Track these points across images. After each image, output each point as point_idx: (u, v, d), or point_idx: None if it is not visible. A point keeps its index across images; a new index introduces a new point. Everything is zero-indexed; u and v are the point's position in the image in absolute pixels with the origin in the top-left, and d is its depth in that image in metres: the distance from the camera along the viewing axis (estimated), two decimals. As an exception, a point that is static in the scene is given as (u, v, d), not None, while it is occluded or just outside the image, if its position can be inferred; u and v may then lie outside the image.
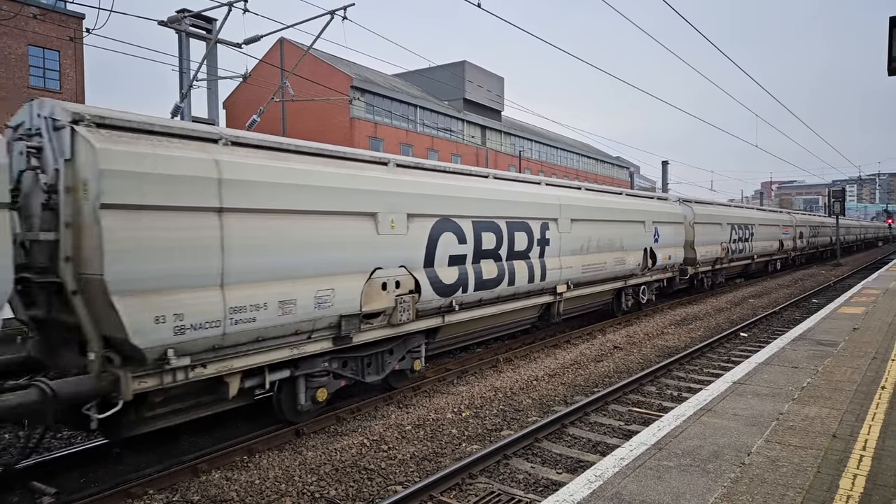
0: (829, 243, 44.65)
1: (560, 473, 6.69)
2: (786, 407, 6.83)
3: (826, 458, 5.33)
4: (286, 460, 6.98)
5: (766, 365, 8.93)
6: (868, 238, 70.73)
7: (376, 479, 6.53)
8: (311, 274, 7.34)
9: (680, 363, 11.74)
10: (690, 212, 20.72)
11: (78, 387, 5.60)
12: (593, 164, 70.26)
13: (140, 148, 5.88)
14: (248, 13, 13.91)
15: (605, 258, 14.50)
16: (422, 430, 7.96)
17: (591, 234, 13.89)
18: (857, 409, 6.70)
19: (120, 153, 5.66)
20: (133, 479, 6.43)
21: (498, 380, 10.35)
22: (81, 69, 30.25)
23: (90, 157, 5.55)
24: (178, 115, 14.49)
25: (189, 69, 15.12)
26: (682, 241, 19.37)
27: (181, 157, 6.14)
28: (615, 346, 13.24)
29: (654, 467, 5.17)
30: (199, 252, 6.17)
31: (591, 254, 13.97)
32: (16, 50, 27.72)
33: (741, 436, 5.91)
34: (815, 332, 11.64)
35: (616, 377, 10.84)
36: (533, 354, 12.53)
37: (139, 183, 5.73)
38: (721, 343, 13.80)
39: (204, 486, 6.34)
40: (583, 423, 8.43)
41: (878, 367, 8.61)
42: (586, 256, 13.73)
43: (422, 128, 44.91)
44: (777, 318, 17.72)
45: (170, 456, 7.19)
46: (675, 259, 18.81)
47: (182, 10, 14.86)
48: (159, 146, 6.09)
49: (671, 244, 18.41)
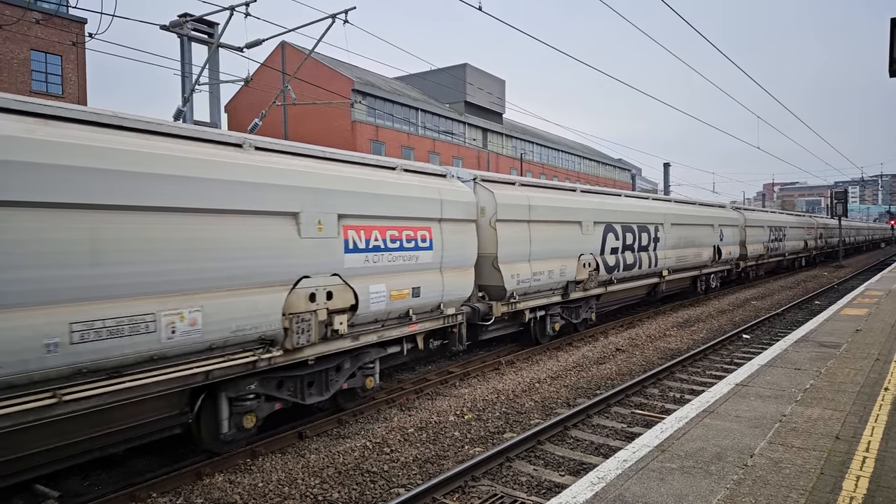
0: (835, 244, 45.33)
1: (563, 475, 6.69)
2: (788, 409, 6.83)
3: (829, 459, 5.32)
4: (289, 463, 6.99)
5: (768, 367, 8.92)
6: (870, 239, 70.64)
7: (379, 482, 6.54)
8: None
9: (682, 365, 11.73)
10: (742, 217, 25.33)
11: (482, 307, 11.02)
12: (595, 166, 70.22)
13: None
14: (249, 17, 13.94)
15: (688, 252, 19.46)
16: (424, 433, 7.96)
17: (681, 235, 18.83)
18: (860, 411, 6.70)
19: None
20: (137, 482, 6.44)
21: (500, 382, 10.35)
22: (84, 73, 30.30)
23: None
24: (181, 118, 14.51)
25: (191, 73, 15.15)
26: (737, 240, 24.31)
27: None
28: (617, 349, 13.23)
29: (656, 469, 5.17)
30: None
31: (681, 248, 18.91)
32: (18, 54, 27.78)
33: (744, 437, 5.90)
34: (817, 333, 11.63)
35: (618, 379, 10.84)
36: (535, 357, 12.53)
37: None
38: (723, 345, 13.78)
39: (207, 489, 6.35)
40: (585, 425, 8.43)
41: (881, 369, 8.60)
42: (678, 251, 18.72)
43: (423, 130, 44.94)
44: (779, 319, 17.69)
45: (173, 459, 7.20)
46: (733, 255, 23.84)
47: (184, 14, 14.89)
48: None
49: (730, 242, 23.49)
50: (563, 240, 13.03)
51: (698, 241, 20.21)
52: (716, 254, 21.74)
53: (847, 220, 49.00)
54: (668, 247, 17.88)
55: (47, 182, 5.17)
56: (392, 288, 8.57)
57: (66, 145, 5.36)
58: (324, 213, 7.58)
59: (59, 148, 5.29)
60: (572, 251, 13.39)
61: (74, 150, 5.39)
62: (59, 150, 5.29)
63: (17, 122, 5.23)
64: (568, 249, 13.22)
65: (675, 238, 18.31)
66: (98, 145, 5.58)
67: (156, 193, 5.88)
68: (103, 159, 5.56)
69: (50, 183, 5.19)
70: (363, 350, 8.57)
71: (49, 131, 5.35)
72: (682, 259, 18.92)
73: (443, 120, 46.90)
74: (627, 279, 16.02)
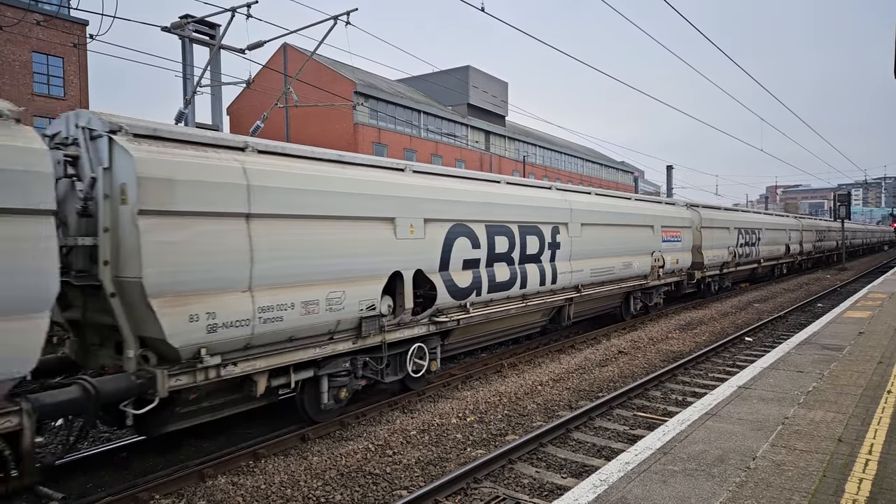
0: (835, 248, 44.47)
1: (565, 478, 6.68)
2: (791, 411, 6.82)
3: (832, 462, 5.32)
4: (292, 465, 6.99)
5: (771, 369, 8.91)
6: (873, 242, 70.52)
7: (381, 484, 6.54)
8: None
9: (685, 368, 11.72)
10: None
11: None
12: (598, 168, 70.23)
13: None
14: (251, 19, 13.98)
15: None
16: (427, 435, 7.96)
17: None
18: (863, 414, 6.69)
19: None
20: (140, 483, 6.45)
21: (503, 385, 10.35)
22: (85, 75, 30.39)
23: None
24: (182, 121, 14.55)
25: (193, 75, 15.18)
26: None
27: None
28: (620, 351, 13.22)
29: (659, 472, 5.17)
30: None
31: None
32: (20, 56, 27.87)
33: (746, 440, 5.90)
34: (820, 336, 11.61)
35: (621, 382, 10.83)
36: (537, 359, 12.52)
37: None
38: (726, 347, 13.77)
39: (210, 491, 6.35)
40: (588, 427, 8.43)
41: (884, 372, 8.59)
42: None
43: (426, 133, 44.98)
44: (782, 322, 17.67)
45: (176, 461, 7.22)
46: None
47: (185, 15, 14.92)
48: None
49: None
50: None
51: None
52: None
53: (848, 223, 48.77)
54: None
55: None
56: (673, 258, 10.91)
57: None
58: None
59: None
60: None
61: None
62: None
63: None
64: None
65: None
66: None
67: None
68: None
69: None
70: (661, 286, 11.09)
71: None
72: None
73: (445, 122, 46.96)
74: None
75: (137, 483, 6.47)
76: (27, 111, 15.11)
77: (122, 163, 5.92)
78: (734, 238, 23.69)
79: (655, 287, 17.60)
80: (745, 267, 25.72)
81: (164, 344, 5.97)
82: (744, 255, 24.94)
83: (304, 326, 7.28)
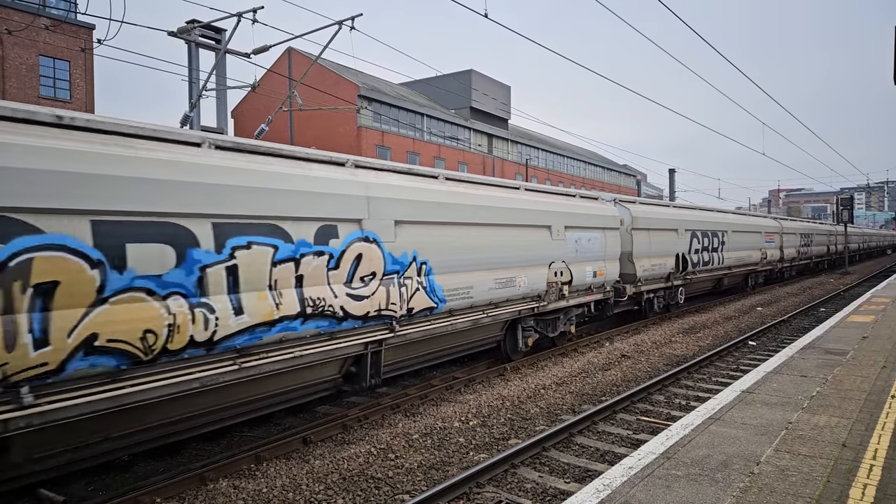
0: (826, 252, 41.16)
1: (568, 482, 6.66)
2: (795, 416, 6.79)
3: (836, 467, 5.29)
4: (293, 468, 6.99)
5: (774, 374, 8.88)
6: (877, 246, 70.30)
7: (384, 488, 6.53)
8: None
9: (688, 372, 11.69)
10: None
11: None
12: (600, 172, 70.22)
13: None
14: (256, 24, 14.03)
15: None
16: (429, 439, 7.95)
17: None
18: (867, 419, 6.66)
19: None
20: (141, 486, 6.44)
21: (505, 388, 10.33)
22: (91, 79, 30.51)
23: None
24: (188, 124, 14.59)
25: (198, 79, 15.23)
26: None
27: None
28: (623, 355, 13.19)
29: (662, 476, 5.15)
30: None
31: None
32: (27, 60, 28.01)
33: (750, 445, 5.87)
34: (824, 340, 11.57)
35: (624, 386, 10.80)
36: (540, 363, 12.50)
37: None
38: (729, 352, 13.73)
39: (211, 494, 6.35)
40: (590, 431, 8.40)
41: (888, 376, 8.55)
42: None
43: (429, 136, 45.02)
44: (786, 326, 17.62)
45: (177, 464, 7.21)
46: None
47: (192, 20, 14.98)
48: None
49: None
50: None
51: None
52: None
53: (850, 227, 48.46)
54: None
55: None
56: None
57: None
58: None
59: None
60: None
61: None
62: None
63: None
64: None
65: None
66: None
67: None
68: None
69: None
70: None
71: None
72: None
73: (448, 125, 47.00)
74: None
75: (138, 486, 6.46)
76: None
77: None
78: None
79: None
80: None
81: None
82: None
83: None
